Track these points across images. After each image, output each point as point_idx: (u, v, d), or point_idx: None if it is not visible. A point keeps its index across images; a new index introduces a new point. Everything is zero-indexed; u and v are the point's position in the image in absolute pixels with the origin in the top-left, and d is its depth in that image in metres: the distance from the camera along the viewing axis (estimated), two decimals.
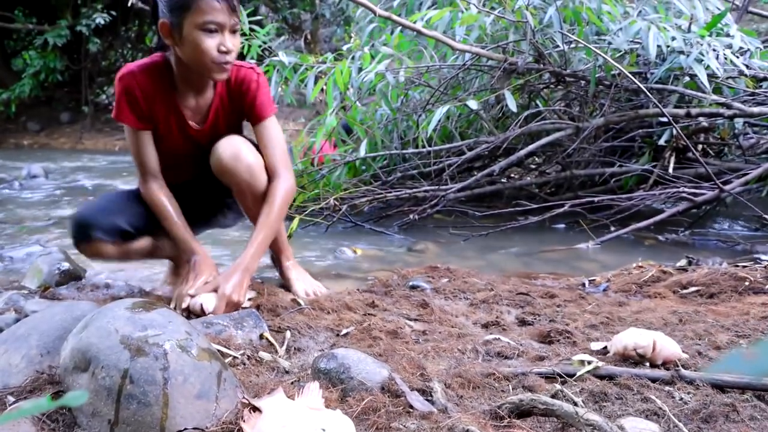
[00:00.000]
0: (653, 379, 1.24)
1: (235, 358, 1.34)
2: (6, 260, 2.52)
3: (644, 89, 2.98)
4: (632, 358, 1.33)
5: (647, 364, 1.32)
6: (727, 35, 3.24)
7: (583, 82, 3.42)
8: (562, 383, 1.22)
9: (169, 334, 1.07)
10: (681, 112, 3.20)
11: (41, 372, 1.16)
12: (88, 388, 1.02)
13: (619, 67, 2.98)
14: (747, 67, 3.21)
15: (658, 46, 2.97)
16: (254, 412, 1.04)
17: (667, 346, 1.32)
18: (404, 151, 3.52)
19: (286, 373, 1.31)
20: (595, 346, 1.44)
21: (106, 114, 10.36)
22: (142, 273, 2.28)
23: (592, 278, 2.19)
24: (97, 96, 11.43)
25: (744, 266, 2.17)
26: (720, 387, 1.20)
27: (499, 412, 1.08)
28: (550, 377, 1.26)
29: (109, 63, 11.67)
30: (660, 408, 1.11)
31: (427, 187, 3.32)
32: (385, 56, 3.29)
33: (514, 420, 1.06)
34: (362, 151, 3.39)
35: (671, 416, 1.08)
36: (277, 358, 1.37)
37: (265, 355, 1.38)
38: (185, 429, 1.00)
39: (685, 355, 1.35)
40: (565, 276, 2.27)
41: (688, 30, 3.18)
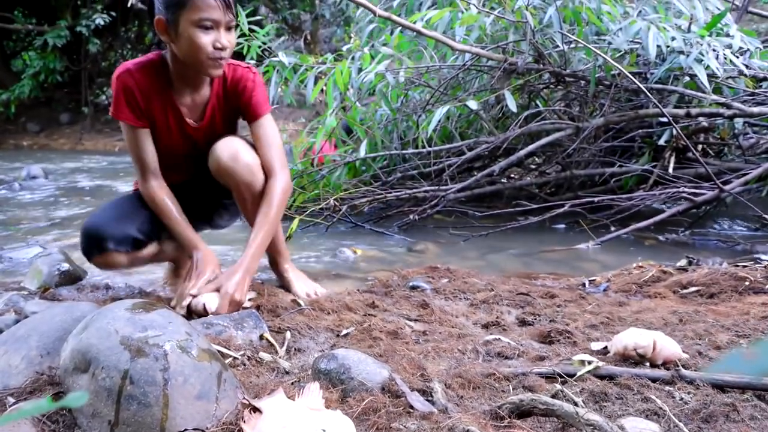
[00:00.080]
0: (653, 379, 1.24)
1: (235, 358, 1.34)
2: (6, 261, 2.52)
3: (644, 89, 2.98)
4: (632, 358, 1.33)
5: (647, 364, 1.32)
6: (727, 35, 3.24)
7: (583, 82, 3.42)
8: (563, 383, 1.22)
9: (170, 335, 1.07)
10: (681, 112, 3.21)
11: (41, 373, 1.16)
12: (89, 389, 1.02)
13: (619, 67, 2.98)
14: (747, 67, 3.21)
15: (658, 46, 2.97)
16: (254, 412, 1.04)
17: (668, 346, 1.32)
18: (404, 152, 3.52)
19: (287, 373, 1.31)
20: (596, 346, 1.44)
21: (106, 115, 10.35)
22: (141, 274, 2.28)
23: (592, 278, 2.19)
24: (97, 97, 11.43)
25: (744, 266, 2.17)
26: (720, 387, 1.20)
27: (499, 412, 1.08)
28: (550, 377, 1.26)
29: (109, 64, 11.67)
30: (660, 408, 1.11)
31: (427, 188, 3.32)
32: (385, 56, 3.29)
33: (514, 420, 1.06)
34: (362, 152, 3.39)
35: (671, 416, 1.08)
36: (278, 359, 1.37)
37: (265, 356, 1.38)
38: (185, 430, 1.00)
39: (685, 355, 1.35)
40: (566, 276, 2.27)
41: (688, 30, 3.18)
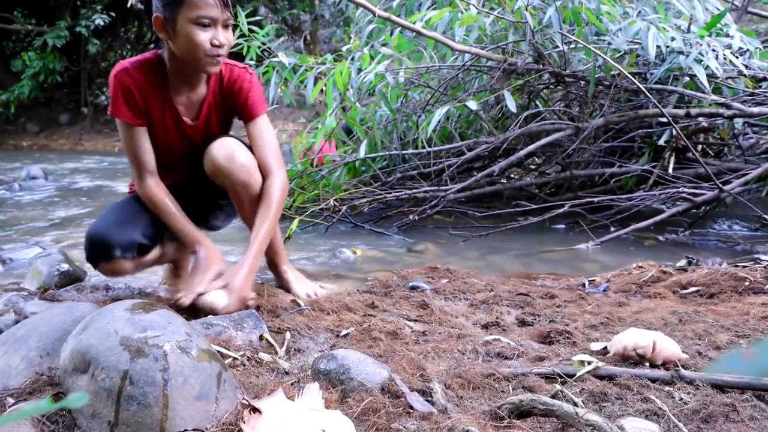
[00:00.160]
0: (653, 380, 1.24)
1: (235, 359, 1.34)
2: (6, 262, 2.52)
3: (644, 89, 2.98)
4: (632, 359, 1.33)
5: (647, 365, 1.32)
6: (727, 35, 3.24)
7: (583, 83, 3.42)
8: (562, 383, 1.22)
9: (169, 336, 1.07)
10: (681, 112, 3.21)
11: (41, 373, 1.16)
12: (88, 389, 1.02)
13: (619, 67, 2.98)
14: (746, 67, 3.21)
15: (658, 47, 2.97)
16: (254, 413, 1.04)
17: (667, 347, 1.32)
18: (404, 152, 3.52)
19: (286, 374, 1.30)
20: (595, 347, 1.44)
21: (106, 115, 10.32)
22: (141, 274, 2.27)
23: (592, 278, 2.19)
24: (97, 97, 11.43)
25: (744, 266, 2.17)
26: (720, 387, 1.20)
27: (499, 412, 1.08)
28: (550, 378, 1.26)
29: (109, 64, 11.66)
30: (660, 408, 1.11)
31: (427, 188, 3.32)
32: (385, 57, 3.30)
33: (514, 420, 1.06)
34: (362, 152, 3.39)
35: (671, 416, 1.08)
36: (277, 359, 1.37)
37: (265, 356, 1.38)
38: (185, 430, 1.00)
39: (684, 355, 1.35)
40: (565, 276, 2.27)
41: (688, 30, 3.18)
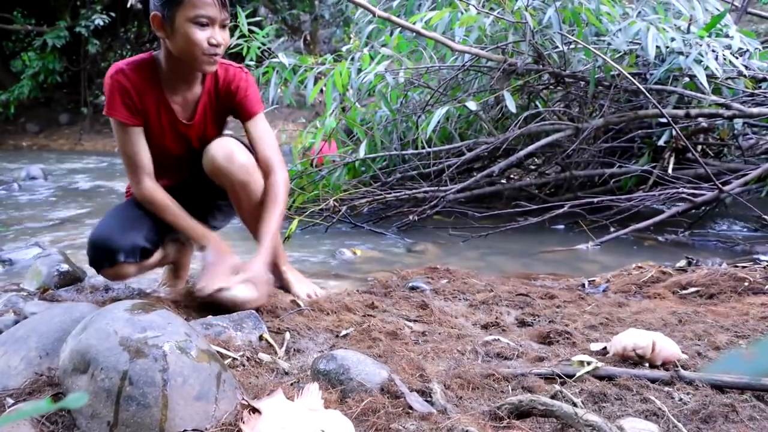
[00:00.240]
0: (652, 380, 1.24)
1: (234, 359, 1.34)
2: (5, 262, 2.52)
3: (644, 90, 2.98)
4: (632, 359, 1.33)
5: (647, 365, 1.32)
6: (726, 36, 3.24)
7: (583, 83, 3.42)
8: (562, 384, 1.22)
9: (169, 336, 1.07)
10: (680, 112, 3.21)
11: (40, 374, 1.16)
12: (88, 389, 1.02)
13: (619, 67, 2.98)
14: (746, 67, 3.21)
15: (658, 47, 2.97)
16: (253, 413, 1.04)
17: (667, 347, 1.32)
18: (404, 152, 3.52)
19: (286, 374, 1.30)
20: (595, 347, 1.44)
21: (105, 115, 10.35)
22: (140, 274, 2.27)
23: (591, 279, 2.19)
24: (97, 97, 11.42)
25: (743, 267, 2.17)
26: (719, 387, 1.20)
27: (498, 412, 1.08)
28: (549, 378, 1.26)
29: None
30: (659, 408, 1.11)
31: (427, 188, 3.32)
32: (385, 57, 3.30)
33: (513, 421, 1.06)
34: (362, 152, 3.39)
35: (670, 417, 1.09)
36: (277, 360, 1.37)
37: (264, 357, 1.38)
38: (184, 430, 1.00)
39: (684, 356, 1.35)
40: (565, 277, 2.27)
41: (688, 31, 3.18)
